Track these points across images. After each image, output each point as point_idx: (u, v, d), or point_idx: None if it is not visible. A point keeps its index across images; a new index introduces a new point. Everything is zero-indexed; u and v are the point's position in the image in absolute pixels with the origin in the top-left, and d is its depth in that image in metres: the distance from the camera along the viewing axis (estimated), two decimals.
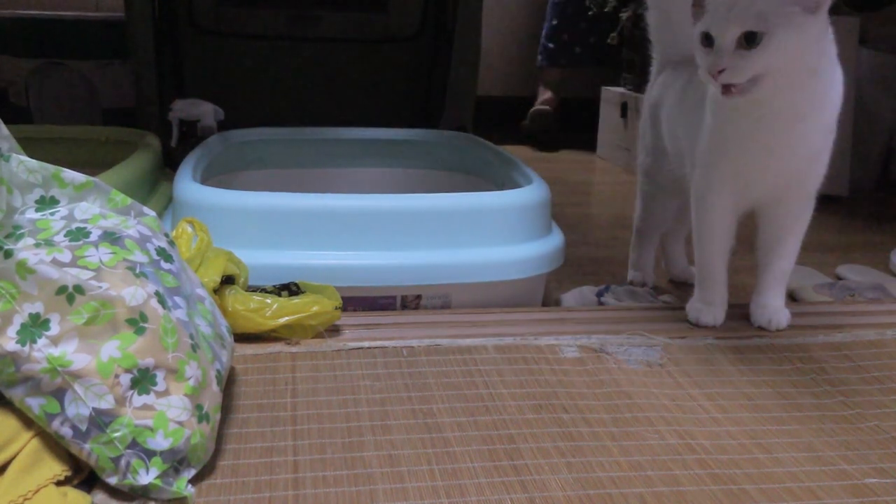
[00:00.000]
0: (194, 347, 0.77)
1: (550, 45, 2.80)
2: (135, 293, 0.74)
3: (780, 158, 1.02)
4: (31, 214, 0.78)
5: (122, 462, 0.69)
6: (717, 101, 1.04)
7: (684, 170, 1.18)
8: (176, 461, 0.71)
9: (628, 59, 2.54)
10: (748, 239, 1.13)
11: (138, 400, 0.71)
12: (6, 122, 0.79)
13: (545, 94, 2.86)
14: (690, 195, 1.13)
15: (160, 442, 0.70)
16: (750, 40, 0.92)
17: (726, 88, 0.94)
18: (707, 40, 0.95)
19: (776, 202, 1.08)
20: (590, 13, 2.64)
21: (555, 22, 2.79)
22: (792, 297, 1.36)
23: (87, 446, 0.69)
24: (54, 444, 0.70)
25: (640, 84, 2.37)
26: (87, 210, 0.80)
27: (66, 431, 0.69)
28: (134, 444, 0.70)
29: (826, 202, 1.13)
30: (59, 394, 0.69)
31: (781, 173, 1.04)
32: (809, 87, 0.98)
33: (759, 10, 0.92)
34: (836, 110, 1.02)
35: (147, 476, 0.69)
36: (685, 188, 1.16)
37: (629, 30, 2.48)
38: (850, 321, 1.16)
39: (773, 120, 1.00)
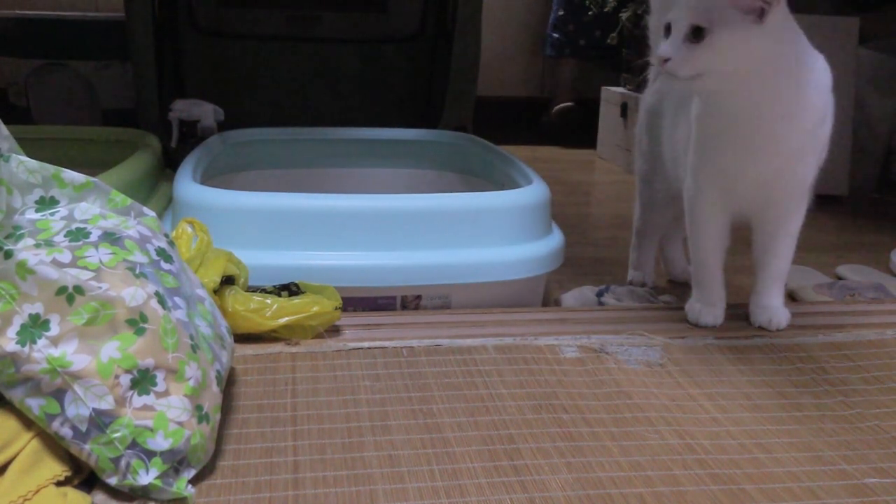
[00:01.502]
0: (194, 348, 0.77)
1: (555, 35, 2.81)
2: (135, 294, 0.74)
3: (758, 159, 1.02)
4: (31, 215, 0.78)
5: (122, 462, 0.69)
6: (700, 103, 1.05)
7: (679, 176, 1.19)
8: (176, 462, 0.71)
9: (628, 59, 2.54)
10: (747, 238, 1.13)
11: (138, 400, 0.71)
12: (6, 122, 0.79)
13: (563, 94, 2.84)
14: (683, 199, 1.13)
15: (160, 442, 0.70)
16: (696, 34, 0.94)
17: (668, 73, 0.97)
18: (667, 31, 0.98)
19: (765, 202, 1.08)
20: (590, 13, 2.65)
21: (561, 12, 2.79)
22: (792, 297, 1.36)
23: (87, 447, 0.69)
24: (54, 445, 0.70)
25: (639, 84, 2.37)
26: (87, 210, 0.80)
27: (66, 432, 0.69)
28: (134, 445, 0.70)
29: (826, 202, 1.13)
30: (58, 394, 0.69)
31: (762, 173, 1.04)
32: (782, 90, 0.98)
33: (707, 5, 0.94)
34: (817, 113, 1.01)
35: (147, 476, 0.69)
36: (681, 194, 1.17)
37: (629, 30, 2.48)
38: (850, 321, 1.16)
39: (747, 122, 1.00)
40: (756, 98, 0.98)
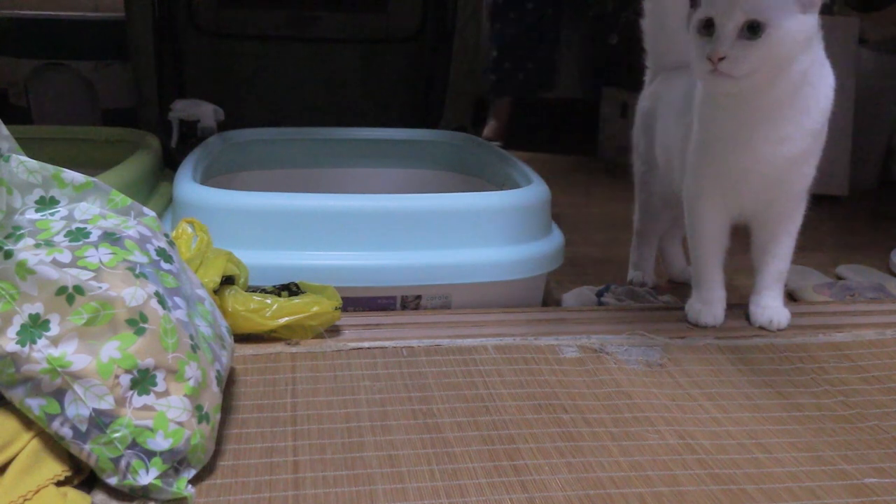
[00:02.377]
0: (194, 348, 0.77)
1: (493, 77, 2.73)
2: (135, 294, 0.74)
3: (765, 160, 1.02)
4: (31, 215, 0.78)
5: (122, 462, 0.69)
6: (705, 104, 1.04)
7: (673, 180, 1.19)
8: (176, 462, 0.71)
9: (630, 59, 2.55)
10: (747, 238, 1.13)
11: (138, 400, 0.71)
12: (6, 122, 0.79)
13: (494, 125, 2.78)
14: (683, 200, 1.13)
15: (160, 442, 0.70)
16: (753, 30, 0.91)
17: (720, 73, 0.94)
18: (707, 28, 0.95)
19: (766, 203, 1.08)
20: (591, 13, 2.64)
21: (495, 53, 2.71)
22: (792, 297, 1.36)
23: (87, 447, 0.69)
24: (54, 445, 0.70)
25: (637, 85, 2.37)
26: (87, 210, 0.80)
27: (66, 432, 0.69)
28: (134, 445, 0.70)
29: (826, 202, 1.13)
30: (59, 394, 0.69)
31: (767, 174, 1.04)
32: (799, 90, 0.98)
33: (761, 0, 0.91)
34: (824, 115, 1.02)
35: (147, 476, 0.69)
36: (676, 197, 1.17)
37: (628, 31, 2.48)
38: (850, 321, 1.16)
39: (760, 122, 1.00)
40: (778, 94, 0.97)
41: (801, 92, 0.98)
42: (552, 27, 2.70)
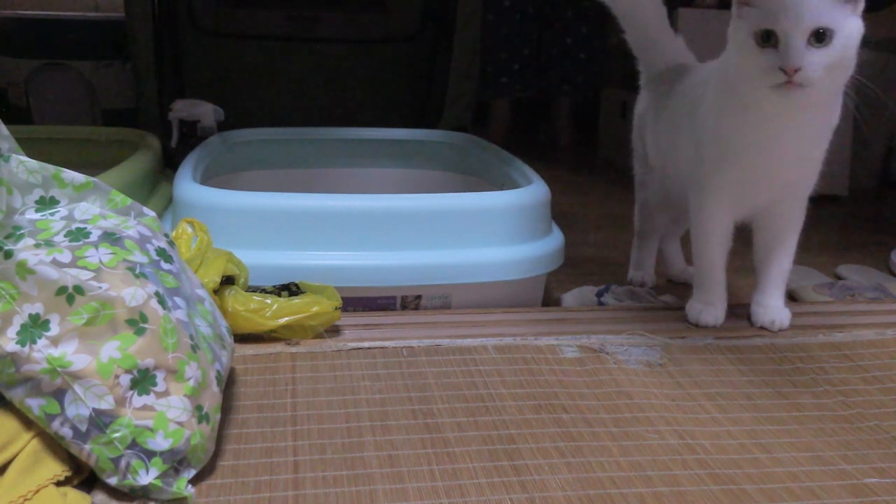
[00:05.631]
0: (194, 348, 0.77)
1: (505, 80, 2.67)
2: (135, 294, 0.74)
3: (793, 160, 1.03)
4: (31, 215, 0.78)
5: (122, 462, 0.69)
6: (731, 108, 1.02)
7: (669, 181, 1.19)
8: (176, 462, 0.71)
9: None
10: (747, 239, 1.13)
11: (138, 400, 0.71)
12: (6, 122, 0.79)
13: (494, 126, 2.75)
14: (689, 202, 1.13)
15: (160, 442, 0.70)
16: (820, 37, 0.91)
17: (793, 85, 0.92)
18: (766, 39, 0.93)
19: (773, 205, 1.08)
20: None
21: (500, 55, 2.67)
22: (792, 297, 1.36)
23: (87, 447, 0.69)
24: (54, 445, 0.70)
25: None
26: (87, 210, 0.80)
27: (66, 432, 0.69)
28: (134, 445, 0.70)
29: (826, 202, 1.13)
30: (59, 394, 0.69)
31: (789, 174, 1.05)
32: (840, 90, 0.99)
33: (826, 6, 0.91)
34: (839, 108, 1.03)
35: (147, 476, 0.69)
36: (674, 199, 1.16)
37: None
38: (850, 321, 1.16)
39: (799, 125, 1.00)
40: (825, 97, 0.98)
41: (836, 101, 1.00)
42: (536, 27, 2.67)
